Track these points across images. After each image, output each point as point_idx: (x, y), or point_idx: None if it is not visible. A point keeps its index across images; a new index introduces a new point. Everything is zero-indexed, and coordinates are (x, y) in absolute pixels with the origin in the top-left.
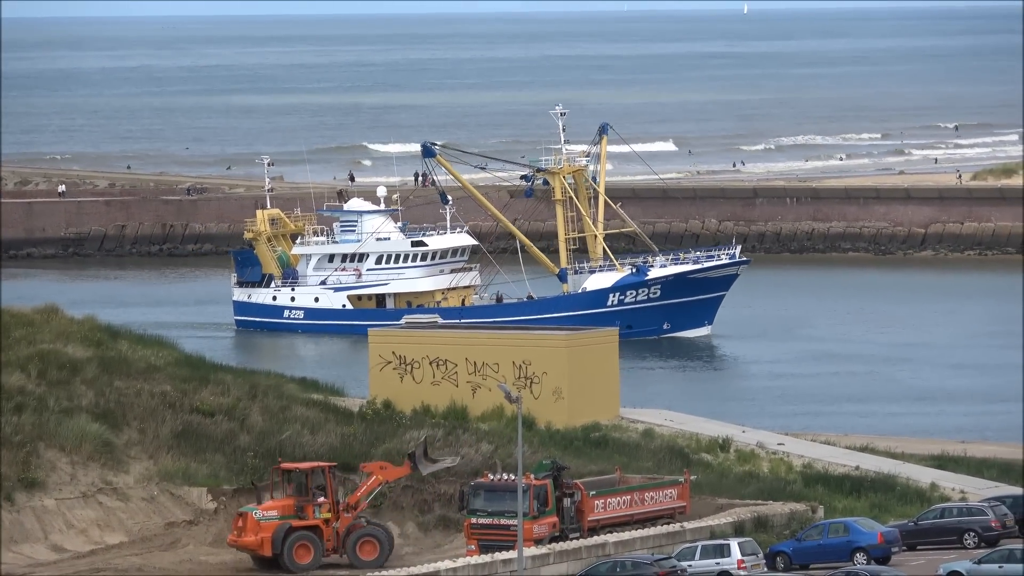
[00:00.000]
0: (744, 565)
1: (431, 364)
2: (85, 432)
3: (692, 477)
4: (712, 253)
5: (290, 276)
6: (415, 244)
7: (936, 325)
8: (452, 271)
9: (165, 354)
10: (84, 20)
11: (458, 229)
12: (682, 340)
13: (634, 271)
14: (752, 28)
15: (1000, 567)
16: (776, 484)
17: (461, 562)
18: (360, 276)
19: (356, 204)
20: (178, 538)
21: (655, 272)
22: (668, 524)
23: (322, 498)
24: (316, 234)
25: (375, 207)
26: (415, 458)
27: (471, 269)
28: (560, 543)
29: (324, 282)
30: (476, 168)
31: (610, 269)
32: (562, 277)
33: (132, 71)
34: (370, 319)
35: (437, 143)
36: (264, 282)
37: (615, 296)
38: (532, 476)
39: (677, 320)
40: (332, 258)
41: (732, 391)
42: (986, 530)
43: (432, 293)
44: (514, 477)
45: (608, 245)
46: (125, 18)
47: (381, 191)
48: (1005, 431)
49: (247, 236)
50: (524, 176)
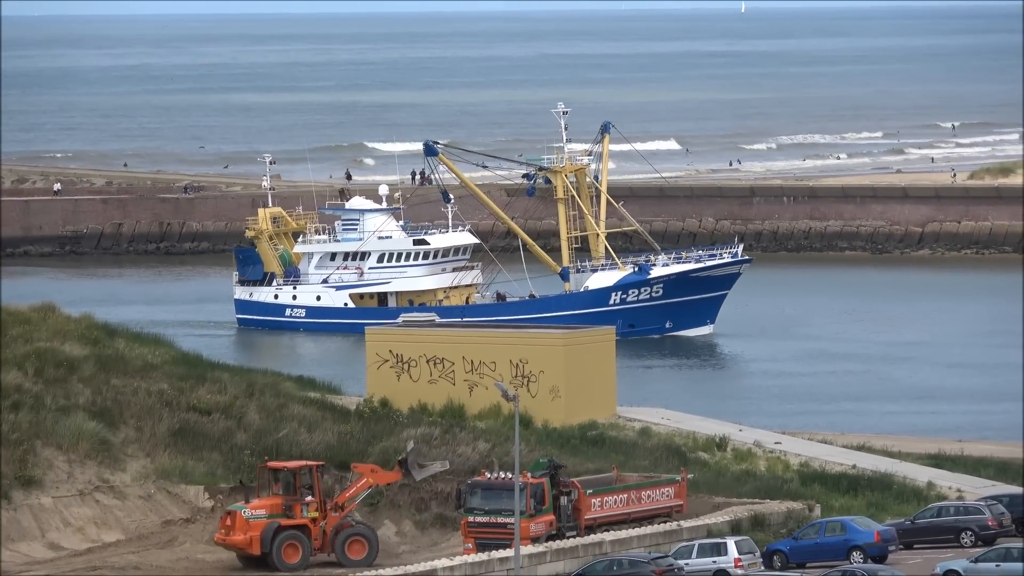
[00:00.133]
0: (741, 564)
1: (428, 362)
2: (82, 430)
3: (689, 476)
4: (714, 252)
5: (292, 274)
6: (417, 243)
7: (933, 324)
8: (454, 270)
9: (162, 352)
10: (82, 19)
11: (460, 228)
12: (683, 339)
13: (636, 270)
14: (750, 27)
15: (997, 566)
16: (773, 483)
17: (458, 560)
18: (362, 275)
19: (358, 203)
20: (175, 536)
21: (657, 271)
22: (665, 523)
23: (310, 497)
24: (318, 232)
25: (377, 206)
26: (406, 464)
27: (473, 268)
28: (557, 541)
29: (326, 280)
30: (478, 167)
31: (612, 268)
32: (564, 276)
33: (130, 69)
34: (372, 318)
35: (440, 142)
36: (266, 280)
37: (617, 295)
38: (529, 474)
39: (679, 319)
40: (334, 256)
41: (730, 390)
42: (983, 529)
43: (434, 292)
44: (511, 475)
45: (609, 244)
46: (124, 17)
47: (383, 189)
48: (1002, 430)
49: (249, 234)
50: (526, 175)
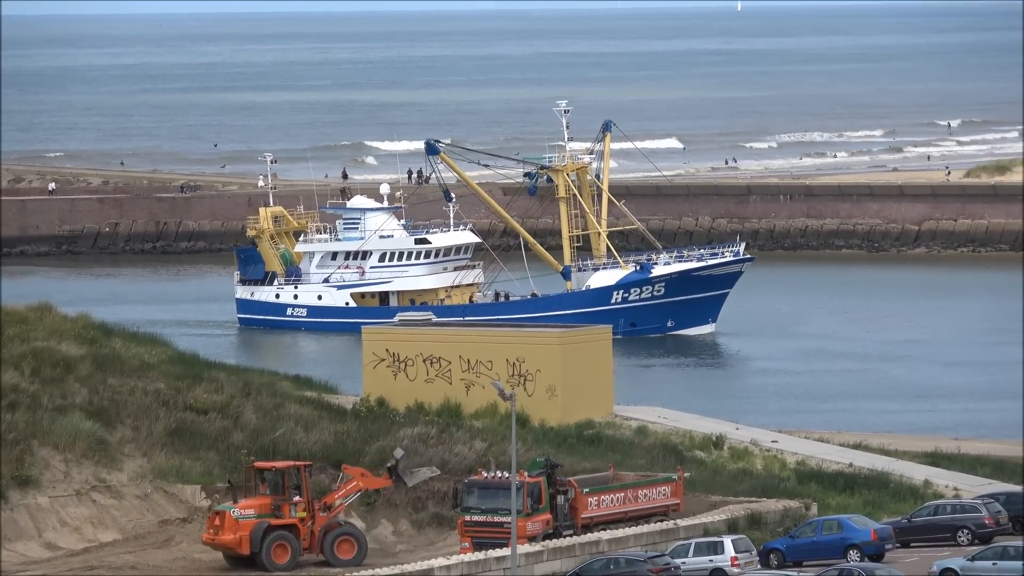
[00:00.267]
0: (738, 562)
1: (425, 361)
2: (79, 430)
3: (686, 474)
4: (716, 251)
5: (293, 274)
6: (418, 242)
7: (929, 322)
8: (456, 269)
9: (159, 352)
10: (80, 18)
11: (462, 227)
12: (684, 338)
13: (638, 269)
14: (747, 25)
15: (994, 564)
16: (770, 481)
17: (455, 559)
18: (363, 274)
19: (359, 201)
20: (172, 536)
21: (659, 270)
22: (662, 521)
23: (298, 497)
24: (319, 232)
25: (378, 204)
26: (396, 472)
27: (474, 267)
28: (554, 540)
29: (327, 280)
30: (480, 166)
31: (614, 267)
32: (566, 275)
33: (128, 68)
34: (373, 317)
35: (442, 141)
36: (267, 280)
37: (619, 294)
38: (526, 473)
39: (681, 318)
40: (335, 256)
41: (727, 388)
42: (980, 527)
43: (435, 291)
44: (508, 475)
45: (611, 242)
46: (122, 16)
47: (384, 188)
48: (999, 428)
49: (250, 233)
50: (528, 173)
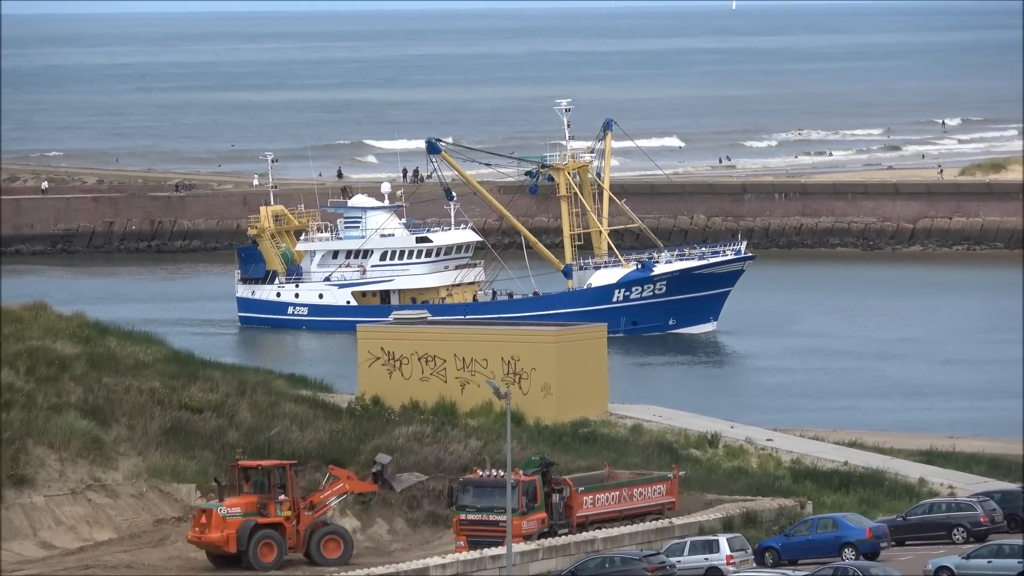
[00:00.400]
0: (733, 561)
1: (420, 360)
2: (74, 429)
3: (681, 473)
4: (717, 249)
5: (294, 272)
6: (420, 240)
7: (925, 320)
8: (457, 267)
9: (154, 351)
10: (79, 17)
11: (463, 225)
12: (682, 336)
13: (639, 267)
14: (744, 24)
15: (989, 562)
16: (765, 480)
17: (450, 558)
18: (364, 272)
19: (360, 200)
20: (167, 535)
21: (660, 268)
22: (657, 520)
23: (283, 496)
24: (320, 230)
25: (379, 203)
26: (383, 477)
27: (476, 265)
28: (549, 539)
29: (328, 278)
30: (481, 164)
31: (615, 265)
32: (567, 273)
33: (125, 67)
34: (375, 316)
35: (443, 140)
36: (268, 278)
37: (620, 292)
38: (521, 472)
39: (682, 316)
40: (336, 254)
41: (722, 386)
42: (975, 525)
43: (437, 289)
44: (503, 473)
45: (612, 241)
46: (120, 15)
47: (385, 187)
48: (995, 426)
49: (251, 232)
50: (529, 172)
